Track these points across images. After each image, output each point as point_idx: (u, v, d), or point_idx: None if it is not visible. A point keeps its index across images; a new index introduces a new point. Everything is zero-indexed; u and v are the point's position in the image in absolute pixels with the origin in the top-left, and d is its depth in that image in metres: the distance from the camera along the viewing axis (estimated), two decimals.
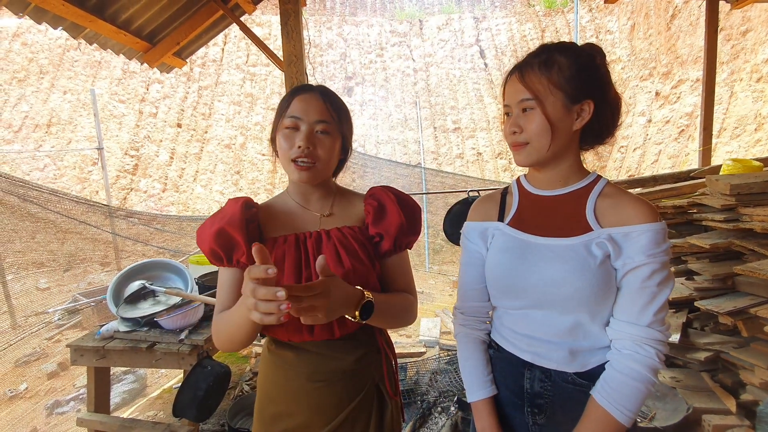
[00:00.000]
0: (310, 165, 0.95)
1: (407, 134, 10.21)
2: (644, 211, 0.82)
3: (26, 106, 8.73)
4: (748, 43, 6.63)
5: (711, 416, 2.03)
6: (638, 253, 0.80)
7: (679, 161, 7.20)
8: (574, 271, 0.82)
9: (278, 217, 1.02)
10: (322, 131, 0.96)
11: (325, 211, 1.04)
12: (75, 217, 4.34)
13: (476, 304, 1.02)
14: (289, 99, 0.98)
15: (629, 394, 0.80)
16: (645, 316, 0.81)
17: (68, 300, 5.00)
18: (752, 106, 6.25)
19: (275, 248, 0.96)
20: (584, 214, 0.86)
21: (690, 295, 2.38)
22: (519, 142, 0.88)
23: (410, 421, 2.38)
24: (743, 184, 2.23)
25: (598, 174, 0.92)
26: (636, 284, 0.81)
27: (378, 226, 1.00)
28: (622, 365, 0.82)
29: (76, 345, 1.95)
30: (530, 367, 0.91)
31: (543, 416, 0.91)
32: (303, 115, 0.95)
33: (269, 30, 10.65)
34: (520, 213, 0.95)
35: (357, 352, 0.99)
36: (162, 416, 2.82)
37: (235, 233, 0.92)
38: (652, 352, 0.81)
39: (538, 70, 0.85)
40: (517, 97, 0.87)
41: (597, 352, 0.87)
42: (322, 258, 0.76)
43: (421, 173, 7.44)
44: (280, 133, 0.97)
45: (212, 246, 0.94)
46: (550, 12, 11.31)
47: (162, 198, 8.77)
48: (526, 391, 0.92)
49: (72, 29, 2.73)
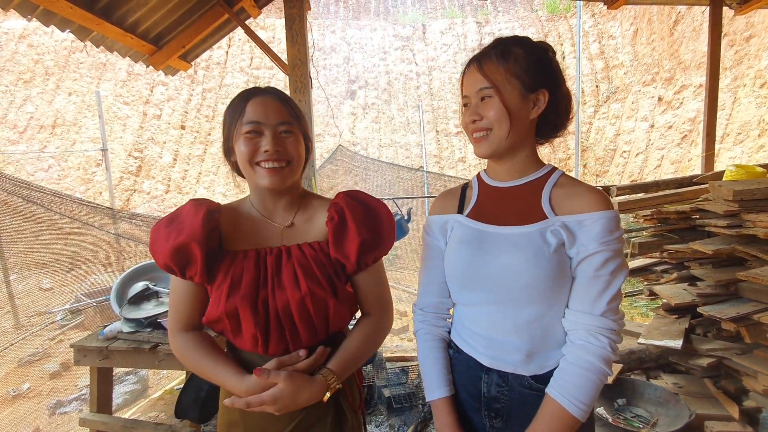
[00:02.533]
0: (283, 167, 0.92)
1: (410, 138, 10.24)
2: (597, 200, 0.84)
3: (31, 107, 8.80)
4: (752, 48, 6.63)
5: (714, 423, 2.02)
6: (591, 240, 0.82)
7: (681, 166, 7.19)
8: (530, 258, 0.84)
9: (240, 228, 0.98)
10: (285, 131, 0.93)
11: (286, 222, 0.99)
12: (78, 218, 4.37)
13: (436, 300, 1.01)
14: (242, 104, 0.93)
15: (582, 385, 0.81)
16: (599, 305, 0.82)
17: (71, 300, 5.02)
18: (756, 112, 6.25)
19: (234, 263, 0.92)
20: (539, 204, 0.88)
21: (693, 301, 2.37)
22: (480, 127, 0.89)
23: (411, 425, 2.38)
24: (747, 190, 2.23)
25: (553, 165, 0.94)
26: (589, 272, 0.82)
27: (338, 250, 0.95)
28: (575, 356, 0.83)
29: (79, 345, 1.95)
30: (488, 371, 0.92)
31: (500, 420, 0.92)
32: (263, 119, 0.91)
33: (273, 33, 10.71)
34: (479, 205, 0.97)
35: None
36: (164, 417, 2.82)
37: (194, 251, 0.89)
38: (605, 341, 0.81)
39: (495, 60, 0.88)
40: (476, 87, 0.89)
41: (553, 352, 0.87)
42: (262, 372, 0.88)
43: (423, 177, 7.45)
44: (240, 140, 0.92)
45: (167, 261, 0.91)
46: (553, 17, 11.33)
47: (165, 199, 8.81)
48: (483, 395, 0.93)
49: (80, 32, 2.75)
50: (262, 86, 0.98)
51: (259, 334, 0.90)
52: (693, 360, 2.34)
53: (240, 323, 0.90)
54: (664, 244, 2.71)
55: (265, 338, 0.91)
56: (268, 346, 0.92)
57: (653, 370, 2.53)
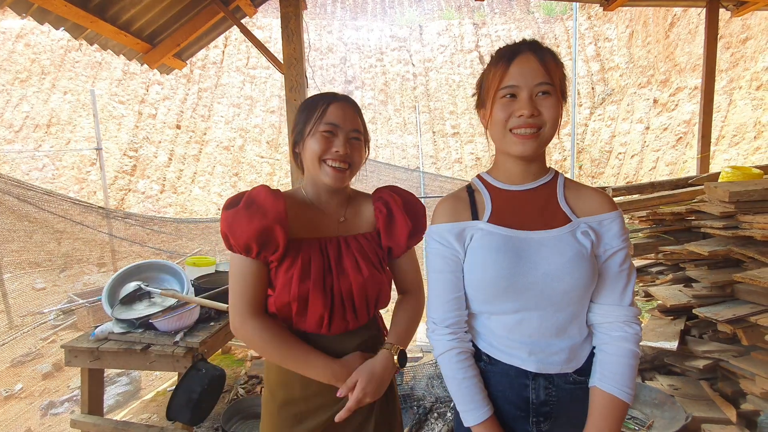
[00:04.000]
0: (345, 168, 1.02)
1: (406, 138, 10.23)
2: (608, 200, 0.90)
3: (27, 106, 8.74)
4: (748, 50, 6.67)
5: (711, 426, 2.01)
6: (614, 239, 0.88)
7: (676, 168, 7.21)
8: (573, 261, 0.84)
9: (301, 217, 1.05)
10: (354, 138, 1.04)
11: (340, 217, 1.10)
12: (72, 218, 4.33)
13: (458, 314, 0.92)
14: (325, 106, 1.02)
15: (627, 374, 0.86)
16: (626, 297, 0.89)
17: (64, 300, 4.97)
18: (752, 114, 6.27)
19: (302, 251, 1.00)
20: (558, 206, 0.90)
21: (688, 303, 2.36)
22: (535, 124, 0.84)
23: (406, 426, 2.36)
24: (743, 192, 2.23)
25: (554, 169, 0.96)
26: (615, 269, 0.88)
27: (389, 238, 1.09)
28: (616, 348, 0.88)
29: (70, 346, 1.93)
30: (534, 377, 0.89)
31: (548, 423, 0.91)
32: (341, 123, 1.02)
33: (270, 33, 10.69)
34: (497, 210, 0.91)
35: (362, 336, 1.08)
36: (156, 419, 2.79)
37: (279, 234, 0.97)
38: (637, 328, 0.89)
39: (552, 59, 0.86)
40: (536, 79, 0.83)
41: (584, 344, 0.91)
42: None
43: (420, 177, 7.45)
44: (314, 137, 1.01)
45: (249, 242, 0.96)
46: (549, 19, 11.37)
47: (160, 199, 8.76)
48: (531, 401, 0.89)
49: (73, 30, 2.73)
50: (340, 94, 1.09)
51: (326, 316, 1.01)
52: (689, 362, 2.33)
53: (307, 306, 1.00)
54: (659, 245, 2.71)
55: (330, 319, 1.02)
56: (332, 326, 1.02)
57: (648, 372, 2.52)
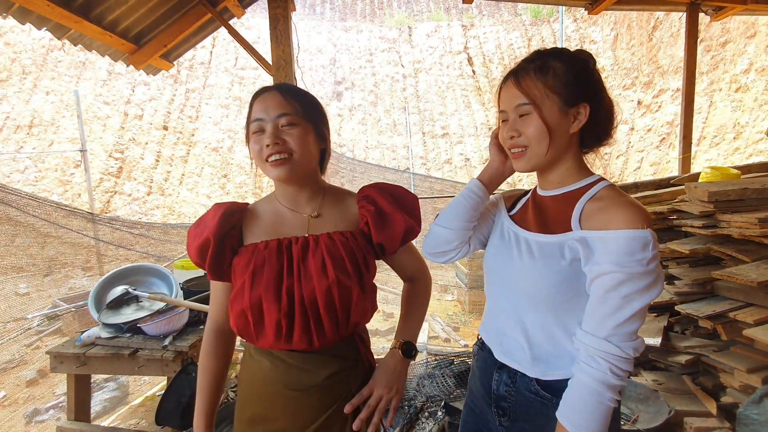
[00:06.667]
0: (285, 158, 0.92)
1: (396, 139, 10.26)
2: (626, 218, 0.77)
3: (8, 106, 8.54)
4: (728, 54, 6.84)
5: (692, 419, 2.07)
6: (605, 260, 0.76)
7: (660, 168, 7.36)
8: (539, 267, 0.86)
9: (262, 222, 1.00)
10: (287, 124, 0.93)
11: (313, 212, 1.00)
12: (56, 222, 4.25)
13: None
14: (250, 105, 0.97)
15: (582, 410, 0.77)
16: (604, 327, 0.77)
17: (48, 305, 4.87)
18: (731, 116, 6.44)
19: (254, 255, 0.93)
20: (570, 215, 0.86)
21: (671, 300, 2.42)
22: (519, 144, 0.88)
23: (397, 426, 2.37)
24: (721, 191, 2.29)
25: (600, 176, 0.90)
26: (600, 292, 0.78)
27: (382, 234, 0.99)
28: (575, 378, 0.81)
29: (56, 352, 1.90)
30: (500, 369, 0.96)
31: (507, 419, 0.95)
32: (264, 114, 0.93)
33: (258, 34, 10.62)
34: (524, 210, 1.00)
35: (332, 366, 0.96)
36: (144, 424, 2.76)
37: (211, 246, 0.94)
38: (605, 366, 0.76)
39: (533, 74, 0.86)
40: (514, 102, 0.87)
41: (560, 362, 0.86)
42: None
43: (410, 178, 7.48)
44: (251, 140, 0.95)
45: (195, 260, 0.98)
46: (537, 21, 11.51)
47: (147, 201, 8.63)
48: (492, 391, 0.97)
49: (57, 30, 2.68)
50: (274, 84, 1.00)
51: (284, 322, 0.90)
52: (672, 357, 2.39)
53: (263, 315, 0.91)
54: None
55: (290, 328, 0.91)
56: (292, 337, 0.91)
57: (634, 368, 2.57)
